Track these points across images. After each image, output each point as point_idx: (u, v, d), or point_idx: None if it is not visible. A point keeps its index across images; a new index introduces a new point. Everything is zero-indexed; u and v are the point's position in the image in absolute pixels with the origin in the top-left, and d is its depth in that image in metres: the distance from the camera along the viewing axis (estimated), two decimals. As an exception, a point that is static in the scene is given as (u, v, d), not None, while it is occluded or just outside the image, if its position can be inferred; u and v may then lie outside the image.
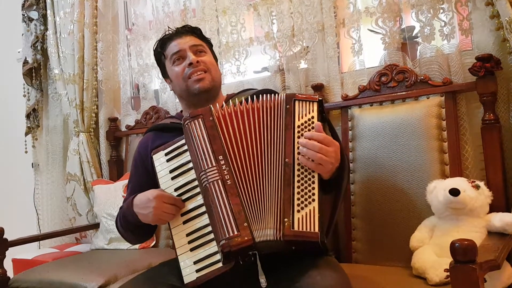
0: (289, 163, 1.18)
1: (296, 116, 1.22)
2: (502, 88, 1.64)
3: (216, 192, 1.17)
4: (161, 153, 1.32)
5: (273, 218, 1.14)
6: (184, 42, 1.49)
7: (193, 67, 1.45)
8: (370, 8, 1.91)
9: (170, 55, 1.50)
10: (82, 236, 2.70)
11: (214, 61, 1.54)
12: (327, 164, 1.17)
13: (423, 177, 1.60)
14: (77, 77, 2.62)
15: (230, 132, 1.25)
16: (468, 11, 1.71)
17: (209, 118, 1.26)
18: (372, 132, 1.75)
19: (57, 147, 2.86)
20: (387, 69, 1.81)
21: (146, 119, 2.53)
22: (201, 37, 1.56)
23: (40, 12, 2.79)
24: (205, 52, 1.52)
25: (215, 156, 1.21)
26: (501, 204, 1.51)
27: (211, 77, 1.47)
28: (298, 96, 1.26)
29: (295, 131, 1.21)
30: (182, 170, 1.27)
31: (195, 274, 1.18)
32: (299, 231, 1.11)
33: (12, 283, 1.90)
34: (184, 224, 1.24)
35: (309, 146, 1.16)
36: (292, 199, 1.14)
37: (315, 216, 1.12)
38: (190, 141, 1.26)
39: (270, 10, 2.13)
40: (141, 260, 1.97)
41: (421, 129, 1.64)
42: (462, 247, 0.94)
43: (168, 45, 1.52)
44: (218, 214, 1.15)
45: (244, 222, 1.13)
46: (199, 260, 1.19)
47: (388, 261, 1.62)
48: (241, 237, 1.12)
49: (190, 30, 1.54)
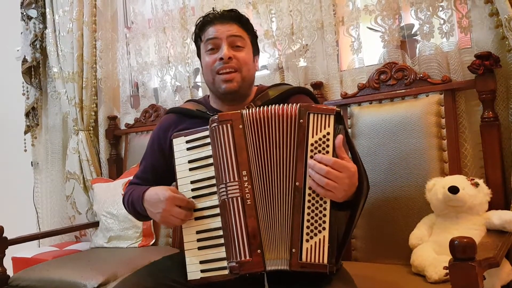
0: (299, 187, 1.09)
1: (310, 132, 1.10)
2: (501, 86, 1.64)
3: (234, 210, 1.11)
4: (182, 139, 1.24)
5: (283, 246, 1.10)
6: (223, 30, 1.34)
7: (224, 63, 1.31)
8: (369, 6, 1.91)
9: (206, 40, 1.36)
10: (81, 234, 2.70)
11: (251, 57, 1.38)
12: (337, 191, 1.06)
13: (422, 174, 1.60)
14: (76, 75, 2.61)
15: (254, 144, 1.14)
16: (467, 9, 1.72)
17: (238, 126, 1.15)
18: (371, 130, 1.75)
19: (56, 146, 2.85)
20: (386, 67, 1.81)
21: (145, 117, 2.53)
22: (246, 27, 1.39)
23: (39, 10, 2.78)
24: (243, 46, 1.35)
25: (238, 170, 1.13)
26: (500, 202, 1.52)
27: (241, 77, 1.33)
28: (312, 108, 1.12)
29: (308, 150, 1.09)
30: (202, 164, 1.20)
31: (200, 274, 1.16)
32: (306, 262, 1.06)
33: (12, 282, 1.90)
34: (196, 220, 1.19)
35: (316, 169, 1.06)
36: (301, 227, 1.08)
37: (325, 246, 1.06)
38: (215, 144, 1.17)
39: (269, 8, 2.13)
40: (141, 258, 1.96)
41: (420, 127, 1.64)
42: (461, 244, 0.94)
43: (207, 28, 1.37)
44: (232, 233, 1.11)
45: (258, 248, 1.09)
46: (206, 261, 1.16)
47: (388, 259, 1.62)
48: (252, 264, 1.08)
49: (234, 17, 1.37)
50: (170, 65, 2.46)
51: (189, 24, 2.40)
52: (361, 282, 1.22)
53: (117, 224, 2.24)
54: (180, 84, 2.46)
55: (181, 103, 2.38)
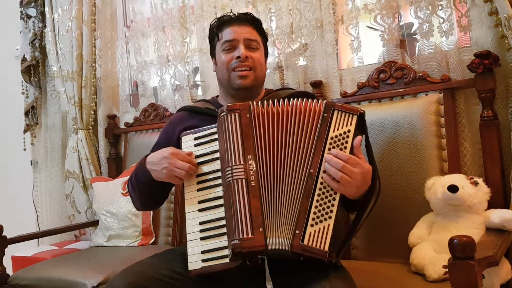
0: (313, 174, 1.14)
1: (332, 126, 1.17)
2: (501, 84, 1.64)
3: (238, 190, 1.15)
4: (191, 136, 1.31)
5: (287, 227, 1.13)
6: (240, 32, 1.45)
7: (241, 61, 1.42)
8: (368, 5, 1.90)
9: (223, 41, 1.47)
10: (81, 233, 2.70)
11: (263, 58, 1.51)
12: (350, 186, 1.11)
13: (421, 173, 1.60)
14: (76, 74, 2.61)
15: (262, 133, 1.21)
16: (466, 7, 1.71)
17: (246, 115, 1.22)
18: (370, 129, 1.72)
19: (56, 145, 2.85)
20: (386, 66, 1.81)
21: (144, 116, 2.53)
22: (259, 30, 1.51)
23: (38, 9, 2.78)
24: (258, 48, 1.48)
25: (244, 155, 1.18)
26: (499, 201, 1.52)
27: (255, 75, 1.44)
28: (337, 106, 1.19)
29: (327, 142, 1.15)
30: (208, 158, 1.26)
31: (201, 264, 1.19)
32: (307, 245, 1.09)
33: (11, 281, 1.90)
34: (200, 212, 1.23)
35: (332, 163, 1.11)
36: (308, 211, 1.11)
37: (328, 234, 1.09)
38: (222, 133, 1.23)
39: (269, 7, 2.13)
40: (140, 257, 1.92)
41: (420, 126, 1.64)
42: (461, 243, 0.95)
43: (225, 28, 1.48)
44: (236, 213, 1.14)
45: (260, 226, 1.12)
46: (207, 251, 1.19)
47: (387, 258, 1.62)
48: (254, 241, 1.11)
49: (250, 20, 1.49)
50: (170, 64, 2.46)
51: (188, 23, 2.40)
52: (361, 280, 1.22)
53: (117, 223, 2.24)
54: (180, 83, 2.45)
55: (180, 102, 2.41)
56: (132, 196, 1.47)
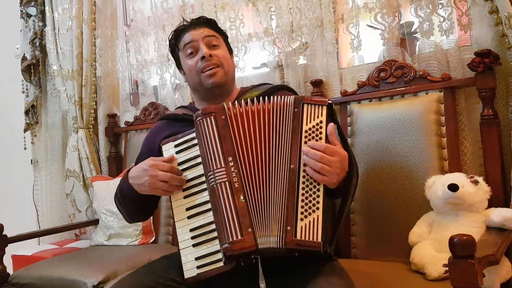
0: (294, 169, 1.15)
1: (304, 120, 1.19)
2: (501, 83, 1.64)
3: (223, 193, 1.16)
4: (171, 144, 1.30)
5: (276, 224, 1.13)
6: (198, 33, 1.47)
7: (206, 61, 1.43)
8: (369, 4, 1.90)
9: (183, 46, 1.48)
10: (81, 232, 2.71)
11: (228, 54, 1.51)
12: (331, 175, 1.13)
13: (421, 172, 1.60)
14: (76, 73, 2.61)
15: (240, 133, 1.22)
16: (467, 6, 1.71)
17: (221, 117, 1.23)
18: (371, 128, 1.75)
19: (56, 144, 2.85)
20: (386, 65, 1.81)
21: (145, 115, 2.53)
22: (216, 29, 1.53)
23: (38, 8, 2.78)
24: (219, 45, 1.49)
25: (224, 157, 1.19)
26: (499, 199, 1.52)
27: (224, 71, 1.45)
28: (306, 99, 1.21)
29: (302, 136, 1.17)
30: (191, 164, 1.26)
31: (196, 270, 1.18)
32: (301, 240, 1.09)
33: (11, 280, 1.90)
34: (189, 219, 1.23)
35: (310, 155, 1.13)
36: (296, 206, 1.12)
37: (319, 225, 1.10)
38: (200, 138, 1.24)
39: (269, 5, 2.13)
40: (141, 256, 1.97)
41: (420, 124, 1.64)
42: (461, 242, 0.94)
43: (182, 36, 1.50)
44: (223, 216, 1.14)
45: (249, 227, 1.12)
46: (201, 257, 1.19)
47: (387, 256, 1.62)
48: (244, 242, 1.11)
49: (205, 22, 1.51)
50: (170, 63, 2.46)
51: (188, 22, 2.40)
52: (361, 279, 1.22)
53: (117, 222, 2.24)
54: (180, 82, 2.45)
55: (180, 101, 2.41)
56: (121, 210, 1.47)
